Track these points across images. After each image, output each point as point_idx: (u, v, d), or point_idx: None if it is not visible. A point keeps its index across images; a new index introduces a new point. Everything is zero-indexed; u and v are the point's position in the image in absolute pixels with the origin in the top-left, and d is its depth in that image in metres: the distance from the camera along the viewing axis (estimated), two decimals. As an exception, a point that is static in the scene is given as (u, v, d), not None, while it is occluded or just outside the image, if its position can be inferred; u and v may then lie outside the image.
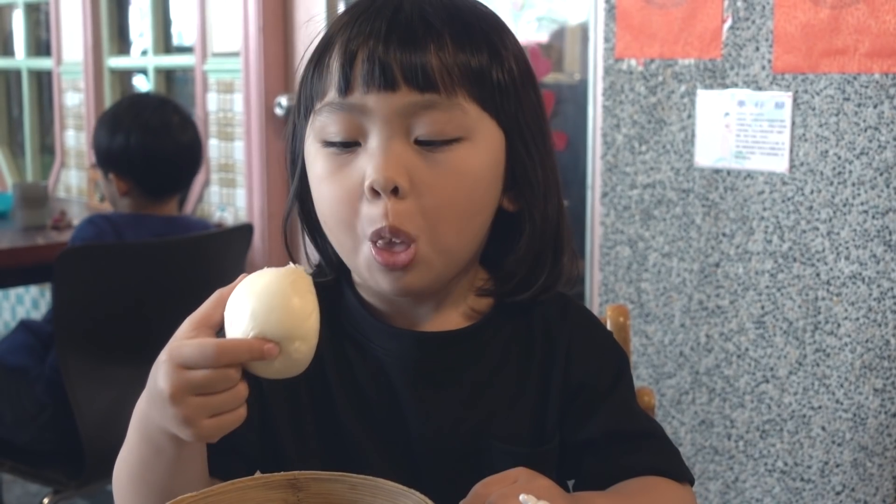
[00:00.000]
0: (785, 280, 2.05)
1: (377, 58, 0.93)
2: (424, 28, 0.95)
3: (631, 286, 2.28)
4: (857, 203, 1.94)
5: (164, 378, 0.83)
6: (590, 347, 1.09)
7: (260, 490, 0.87)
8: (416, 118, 0.94)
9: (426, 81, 0.93)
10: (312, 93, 1.00)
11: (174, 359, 0.83)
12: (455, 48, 0.95)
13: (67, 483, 2.43)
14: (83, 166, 4.06)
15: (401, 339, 1.04)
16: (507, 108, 0.99)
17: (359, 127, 0.96)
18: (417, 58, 0.94)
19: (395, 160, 0.94)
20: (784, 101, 2.01)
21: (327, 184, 0.98)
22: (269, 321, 0.84)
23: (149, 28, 3.76)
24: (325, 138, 0.98)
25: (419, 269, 0.97)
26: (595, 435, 1.05)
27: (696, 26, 2.10)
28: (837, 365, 1.99)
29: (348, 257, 1.01)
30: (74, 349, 2.36)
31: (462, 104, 0.95)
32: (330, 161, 0.97)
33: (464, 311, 1.06)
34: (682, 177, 2.17)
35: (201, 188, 3.48)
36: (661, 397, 2.25)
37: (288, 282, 0.87)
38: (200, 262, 2.54)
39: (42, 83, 4.57)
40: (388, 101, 0.94)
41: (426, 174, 0.94)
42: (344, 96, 0.95)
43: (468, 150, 0.96)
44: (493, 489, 0.88)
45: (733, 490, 2.17)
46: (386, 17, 0.96)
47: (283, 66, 3.22)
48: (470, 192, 0.97)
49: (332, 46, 0.98)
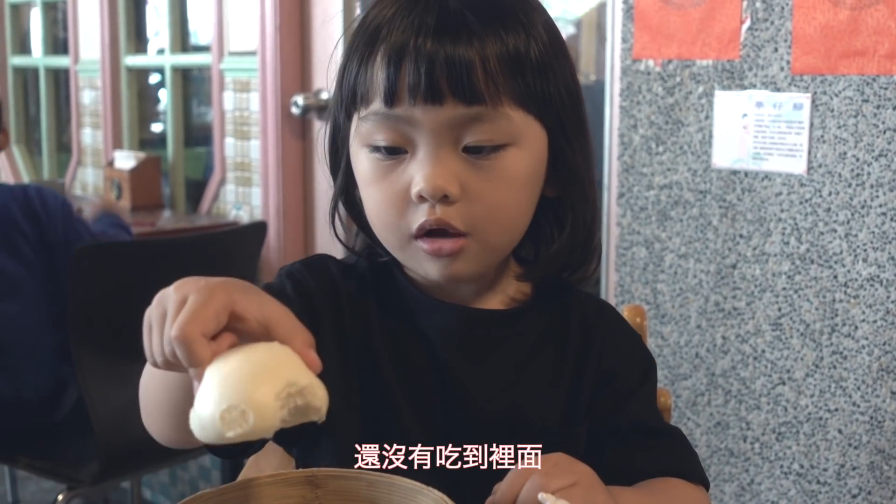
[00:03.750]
0: (802, 282, 2.04)
1: (422, 69, 0.94)
2: (467, 30, 0.96)
3: (647, 287, 2.27)
4: (876, 205, 1.93)
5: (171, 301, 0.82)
6: (623, 344, 1.14)
7: (278, 486, 0.87)
8: (464, 129, 0.96)
9: (472, 95, 0.95)
10: (356, 91, 1.01)
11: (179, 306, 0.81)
12: (497, 44, 0.96)
13: (82, 480, 2.43)
14: (100, 164, 4.08)
15: (446, 314, 1.07)
16: (547, 93, 1.00)
17: (406, 136, 0.97)
18: (462, 64, 0.94)
19: (444, 169, 0.96)
20: (802, 102, 2.00)
21: (374, 188, 1.00)
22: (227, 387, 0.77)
23: (166, 27, 3.77)
24: (371, 143, 0.99)
25: (466, 258, 1.00)
26: (619, 425, 1.08)
27: (714, 27, 2.10)
28: (854, 367, 1.98)
29: (395, 251, 1.04)
30: (90, 347, 2.37)
31: (507, 112, 0.97)
32: (376, 165, 1.00)
33: (506, 294, 1.10)
34: (699, 178, 2.16)
35: (217, 186, 3.49)
36: (677, 399, 2.25)
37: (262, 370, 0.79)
38: (215, 260, 2.55)
39: (59, 81, 4.58)
40: (436, 114, 0.95)
41: (475, 181, 0.97)
42: (390, 107, 0.96)
43: (515, 155, 0.98)
44: (532, 472, 0.88)
45: (748, 492, 2.16)
46: (430, 16, 0.96)
47: (299, 66, 3.22)
48: (518, 195, 1.00)
49: (377, 45, 0.98)
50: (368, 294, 1.09)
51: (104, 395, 2.36)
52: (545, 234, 1.09)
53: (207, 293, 0.80)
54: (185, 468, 3.52)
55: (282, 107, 3.19)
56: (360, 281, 1.11)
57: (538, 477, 0.88)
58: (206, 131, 3.74)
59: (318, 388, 0.80)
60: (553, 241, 1.08)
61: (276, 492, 0.88)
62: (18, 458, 2.52)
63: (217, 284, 0.82)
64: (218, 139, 3.46)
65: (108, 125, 4.01)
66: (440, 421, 1.06)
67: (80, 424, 2.52)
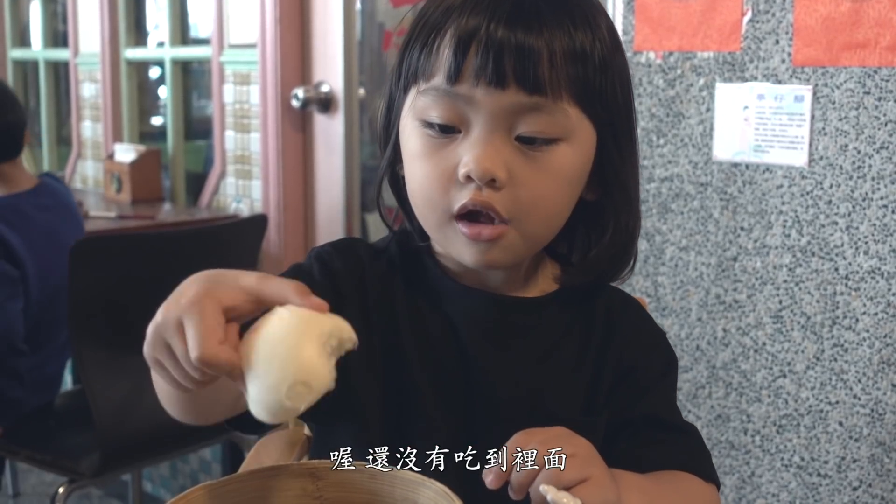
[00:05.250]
0: (803, 274, 2.04)
1: (491, 52, 0.95)
2: (539, 21, 0.97)
3: (648, 280, 2.27)
4: (877, 197, 1.92)
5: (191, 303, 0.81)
6: (645, 339, 1.14)
7: (280, 478, 0.87)
8: (521, 117, 0.97)
9: (536, 84, 0.96)
10: (418, 68, 1.01)
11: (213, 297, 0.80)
12: (564, 39, 0.97)
13: (83, 472, 2.43)
14: (100, 157, 4.07)
15: (473, 298, 1.08)
16: (604, 93, 1.01)
17: (462, 115, 0.98)
18: (530, 53, 0.95)
19: (495, 153, 0.96)
20: (804, 94, 2.00)
21: (421, 163, 1.00)
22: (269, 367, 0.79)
23: (165, 19, 3.76)
24: (425, 119, 1.00)
25: (503, 247, 1.00)
26: (635, 417, 1.09)
27: (715, 19, 2.09)
28: (855, 360, 1.98)
29: (433, 231, 1.04)
30: (90, 339, 2.37)
31: (565, 108, 0.98)
32: (427, 141, 1.00)
33: (535, 285, 1.11)
34: (700, 170, 2.16)
35: (217, 180, 3.48)
36: (678, 391, 2.24)
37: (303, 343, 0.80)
38: (215, 253, 2.55)
39: (59, 74, 4.58)
40: (497, 98, 0.96)
41: (524, 170, 0.98)
42: (453, 84, 0.97)
43: (566, 150, 0.99)
44: (535, 438, 0.89)
45: (749, 485, 2.16)
46: (505, 4, 0.97)
47: (299, 58, 3.22)
48: (563, 190, 1.01)
49: (444, 29, 0.99)
50: (396, 276, 1.10)
51: (104, 388, 2.36)
52: (581, 237, 1.11)
53: (196, 306, 0.80)
54: (185, 461, 3.52)
55: (282, 99, 3.19)
56: (390, 263, 1.12)
57: (545, 436, 0.89)
58: (206, 124, 3.73)
59: (339, 320, 0.83)
60: (590, 246, 1.10)
61: (277, 483, 0.87)
62: (19, 451, 2.52)
63: (196, 293, 0.81)
64: (218, 132, 3.46)
65: (108, 118, 4.01)
66: (461, 405, 1.06)
67: (80, 417, 2.52)
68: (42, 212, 2.58)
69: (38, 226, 2.55)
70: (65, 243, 2.49)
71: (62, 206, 2.66)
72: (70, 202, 2.70)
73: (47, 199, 2.60)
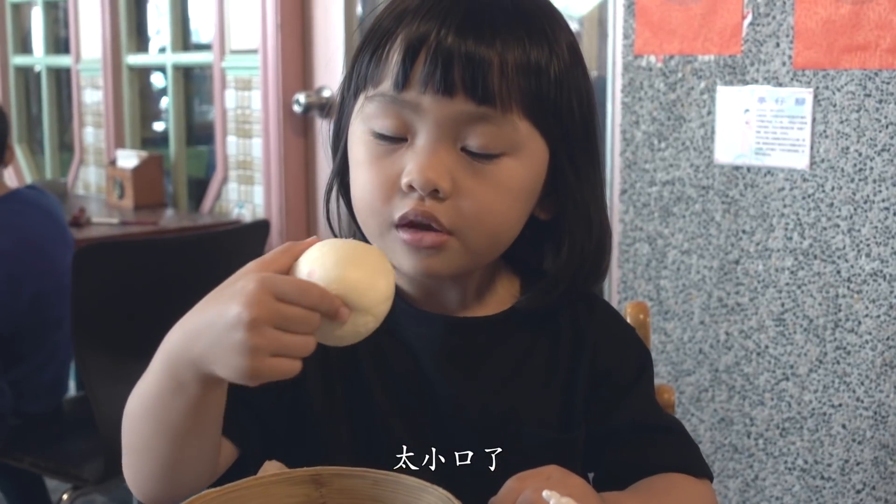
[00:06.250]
0: (805, 277, 2.04)
1: (440, 60, 0.93)
2: (492, 30, 0.94)
3: (650, 283, 2.27)
4: (878, 200, 1.93)
5: (248, 303, 0.80)
6: (616, 340, 1.11)
7: (282, 485, 0.87)
8: (468, 127, 0.95)
9: (485, 94, 0.93)
10: (367, 75, 0.99)
11: (269, 287, 0.82)
12: (518, 51, 0.95)
13: (87, 479, 2.43)
14: (102, 163, 4.08)
15: (431, 324, 1.05)
16: (558, 111, 0.98)
17: (408, 123, 0.96)
18: (480, 63, 0.93)
19: (439, 163, 0.94)
20: (805, 97, 2.00)
21: (365, 170, 0.98)
22: (354, 289, 0.85)
23: (167, 25, 3.77)
24: (372, 127, 0.98)
25: (444, 257, 0.97)
26: (619, 425, 1.06)
27: (716, 22, 2.10)
28: (858, 362, 1.98)
29: (374, 239, 1.01)
30: (92, 346, 2.37)
31: (515, 120, 0.95)
32: (372, 148, 0.98)
33: (493, 299, 1.08)
34: (701, 173, 2.16)
35: (219, 185, 3.49)
36: (681, 395, 2.24)
37: (376, 258, 0.88)
38: (216, 258, 2.55)
39: (61, 81, 4.58)
40: (444, 106, 0.94)
41: (468, 181, 0.95)
42: (399, 91, 0.95)
43: (513, 164, 0.96)
44: (528, 484, 0.88)
45: (753, 488, 2.16)
46: (458, 12, 0.95)
47: (301, 64, 3.22)
48: (509, 204, 0.98)
49: (395, 35, 0.97)
50: None
51: (108, 394, 2.36)
52: (543, 254, 1.07)
53: (270, 278, 0.83)
54: (189, 466, 3.52)
55: (283, 105, 3.19)
56: None
57: (539, 482, 0.87)
58: (207, 130, 3.74)
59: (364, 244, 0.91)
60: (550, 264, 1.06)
61: (280, 490, 0.87)
62: (23, 458, 2.52)
63: (254, 280, 0.83)
64: (220, 137, 3.46)
65: (110, 124, 4.01)
66: (431, 434, 1.03)
67: (83, 423, 2.52)
68: (14, 217, 2.56)
69: (4, 231, 2.52)
70: (43, 248, 2.48)
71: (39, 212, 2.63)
72: (52, 209, 2.68)
73: (17, 204, 2.58)
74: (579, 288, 1.07)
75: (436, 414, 1.04)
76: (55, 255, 2.55)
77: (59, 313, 2.52)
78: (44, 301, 2.50)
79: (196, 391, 0.87)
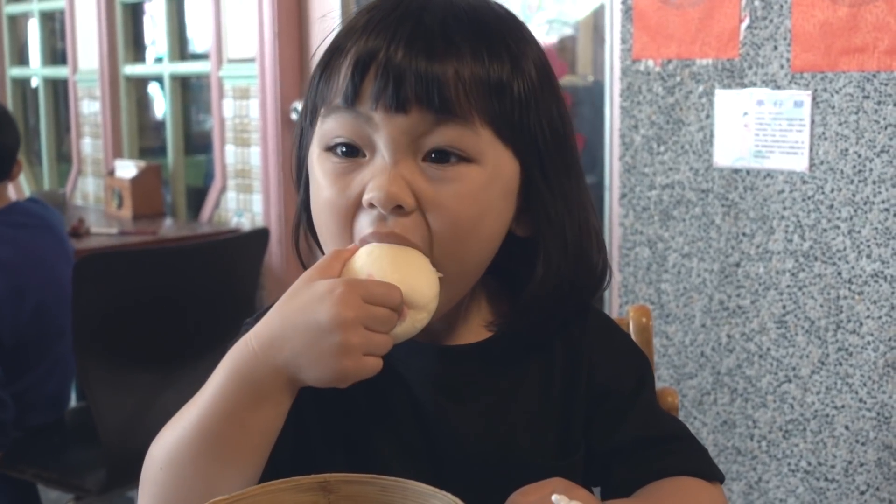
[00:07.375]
0: (806, 279, 2.04)
1: (390, 75, 0.89)
2: (445, 44, 0.91)
3: (651, 287, 2.27)
4: (878, 201, 1.93)
5: (343, 305, 0.84)
6: (611, 353, 1.07)
7: (291, 493, 0.87)
8: (427, 136, 0.91)
9: (442, 104, 0.90)
10: (318, 99, 0.96)
11: (359, 291, 0.85)
12: (476, 66, 0.91)
13: (89, 489, 2.43)
14: (100, 174, 4.08)
15: (420, 354, 1.01)
16: (525, 129, 0.95)
17: (365, 135, 0.92)
18: (434, 79, 0.89)
19: (400, 179, 0.90)
20: (803, 99, 2.00)
21: (325, 190, 0.94)
22: (413, 288, 0.89)
23: (164, 35, 3.77)
24: (328, 143, 0.94)
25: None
26: (623, 442, 1.04)
27: (713, 26, 2.10)
28: (860, 364, 1.98)
29: None
30: (94, 356, 2.37)
31: (477, 128, 0.91)
32: (331, 167, 0.94)
33: (481, 324, 1.04)
34: (700, 177, 2.16)
35: (218, 194, 3.49)
36: (683, 398, 2.24)
37: (421, 259, 0.91)
38: (217, 267, 2.55)
39: (58, 92, 4.59)
40: (399, 122, 0.90)
41: (432, 194, 0.91)
42: (350, 106, 0.91)
43: (477, 171, 0.92)
44: (531, 498, 0.87)
45: (756, 490, 2.16)
46: (405, 26, 0.91)
47: (298, 72, 3.23)
48: (477, 217, 0.93)
49: (344, 52, 0.93)
50: None
51: (110, 405, 2.36)
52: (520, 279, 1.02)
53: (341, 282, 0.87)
54: (190, 476, 3.51)
55: (281, 113, 3.19)
56: None
57: (544, 493, 0.87)
58: (205, 139, 3.74)
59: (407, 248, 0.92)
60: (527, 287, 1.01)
61: (288, 497, 0.87)
62: (26, 469, 2.52)
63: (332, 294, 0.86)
64: (218, 146, 3.46)
65: (108, 134, 4.02)
66: (428, 465, 1.01)
67: (85, 434, 2.52)
68: (15, 229, 2.56)
69: (6, 243, 2.52)
70: (44, 260, 2.48)
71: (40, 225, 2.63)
72: (52, 222, 2.68)
73: (19, 216, 2.59)
74: (568, 306, 1.03)
75: (430, 445, 1.02)
76: (57, 267, 2.55)
77: (61, 325, 2.52)
78: (46, 313, 2.50)
79: (282, 401, 0.88)
